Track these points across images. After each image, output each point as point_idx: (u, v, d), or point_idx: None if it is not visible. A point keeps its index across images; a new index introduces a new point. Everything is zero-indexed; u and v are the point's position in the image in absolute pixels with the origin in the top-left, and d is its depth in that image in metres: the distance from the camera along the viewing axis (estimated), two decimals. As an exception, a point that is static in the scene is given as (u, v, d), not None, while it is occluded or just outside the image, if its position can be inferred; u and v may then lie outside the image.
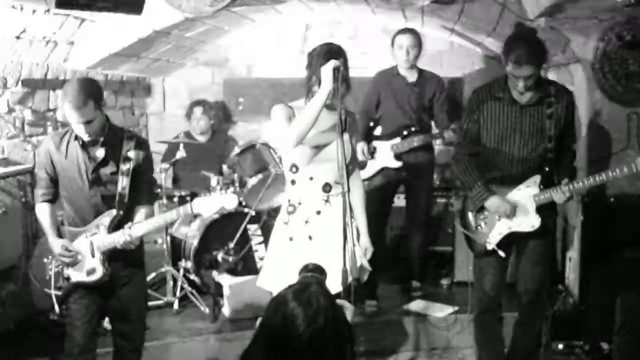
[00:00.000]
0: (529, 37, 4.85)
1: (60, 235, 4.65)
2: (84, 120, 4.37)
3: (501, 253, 4.93)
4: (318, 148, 4.39)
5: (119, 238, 4.49)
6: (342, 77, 4.10)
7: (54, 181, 4.68)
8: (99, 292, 4.67)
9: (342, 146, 4.01)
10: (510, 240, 4.95)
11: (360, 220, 4.72)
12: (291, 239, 4.50)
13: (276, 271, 4.43)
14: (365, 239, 4.70)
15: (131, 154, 4.62)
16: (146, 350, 5.19)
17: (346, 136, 4.40)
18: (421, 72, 6.89)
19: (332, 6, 7.62)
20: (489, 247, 4.95)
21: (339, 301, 3.16)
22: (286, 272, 4.08)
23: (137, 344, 4.92)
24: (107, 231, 4.55)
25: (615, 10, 5.61)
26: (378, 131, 6.90)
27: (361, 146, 6.64)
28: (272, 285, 4.44)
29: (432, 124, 6.86)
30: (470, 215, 5.09)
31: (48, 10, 5.41)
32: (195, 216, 6.74)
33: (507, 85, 4.84)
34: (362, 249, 4.61)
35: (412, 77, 6.79)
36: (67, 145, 4.60)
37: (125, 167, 4.60)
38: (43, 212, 4.71)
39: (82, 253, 4.59)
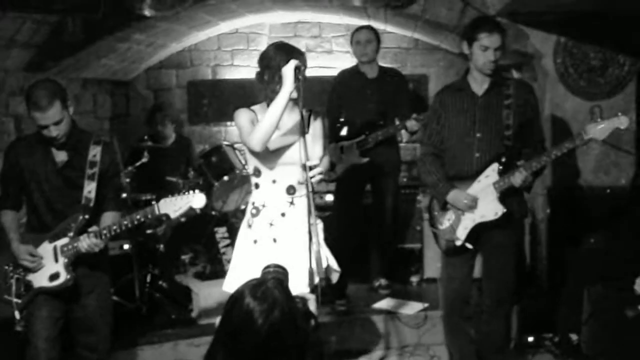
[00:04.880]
0: (489, 16, 5.23)
1: (23, 241, 4.57)
2: (52, 121, 4.34)
3: (469, 245, 4.92)
4: (280, 150, 4.33)
5: (83, 241, 4.43)
6: (302, 76, 4.07)
7: (20, 188, 4.64)
8: (62, 299, 4.60)
9: (305, 146, 3.98)
10: (478, 235, 4.93)
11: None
12: (255, 241, 4.42)
13: (241, 275, 4.34)
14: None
15: (97, 158, 4.58)
16: (114, 357, 5.16)
17: (310, 137, 4.37)
18: (381, 68, 6.94)
19: (295, 6, 7.60)
20: (458, 243, 4.93)
21: (299, 294, 3.16)
22: (251, 276, 4.04)
23: (102, 355, 4.84)
24: (72, 236, 4.50)
25: (575, 3, 5.63)
26: (344, 131, 6.89)
27: (332, 148, 6.66)
28: None
29: (396, 119, 6.82)
30: (436, 214, 5.10)
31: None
32: (161, 220, 6.70)
33: (466, 79, 4.96)
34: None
35: (372, 73, 6.84)
36: (33, 150, 4.56)
37: (91, 171, 4.55)
38: (8, 219, 4.66)
39: (46, 258, 4.52)
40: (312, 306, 3.73)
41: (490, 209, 4.84)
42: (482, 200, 4.84)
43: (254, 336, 2.61)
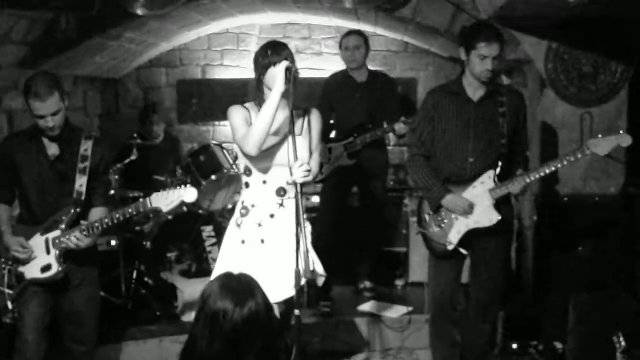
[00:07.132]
0: (489, 23, 5.13)
1: (15, 233, 4.62)
2: (51, 111, 4.40)
3: (463, 251, 4.94)
4: (271, 151, 4.30)
5: (74, 237, 4.47)
6: (293, 77, 4.05)
7: (13, 182, 4.69)
8: (53, 291, 4.64)
9: (295, 148, 3.96)
10: (469, 240, 4.94)
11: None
12: (243, 242, 4.40)
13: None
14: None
15: (88, 153, 4.63)
16: (99, 352, 5.18)
17: (302, 139, 4.35)
18: (371, 72, 6.96)
19: (286, 7, 7.59)
20: (450, 247, 4.93)
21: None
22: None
23: (89, 348, 4.88)
24: (64, 229, 4.54)
25: (567, 10, 5.64)
26: (333, 134, 6.90)
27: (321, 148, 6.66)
28: None
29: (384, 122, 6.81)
30: (427, 217, 5.07)
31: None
32: (149, 217, 6.69)
33: (461, 83, 4.92)
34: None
35: (362, 77, 6.85)
36: (26, 145, 4.62)
37: (82, 165, 4.61)
38: (0, 212, 4.71)
39: (38, 250, 4.56)
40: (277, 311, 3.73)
41: (485, 215, 4.84)
42: (477, 206, 4.85)
43: (227, 327, 2.82)
